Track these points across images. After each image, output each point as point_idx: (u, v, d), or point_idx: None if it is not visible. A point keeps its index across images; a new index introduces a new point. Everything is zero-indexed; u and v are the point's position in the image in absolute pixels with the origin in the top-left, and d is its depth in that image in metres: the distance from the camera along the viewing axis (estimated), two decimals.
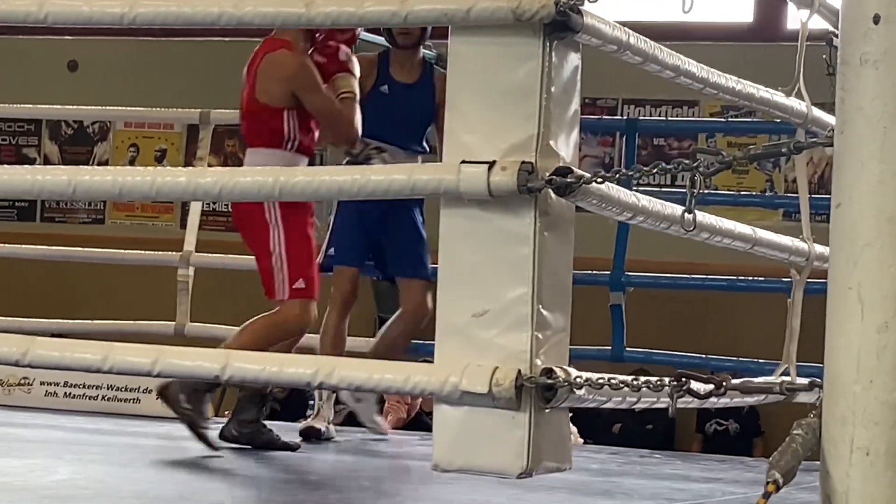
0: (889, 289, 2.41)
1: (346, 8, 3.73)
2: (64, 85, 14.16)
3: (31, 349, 3.90)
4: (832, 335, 2.46)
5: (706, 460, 8.16)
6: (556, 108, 3.18)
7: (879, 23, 2.41)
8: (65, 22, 4.41)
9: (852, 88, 2.44)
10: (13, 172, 4.82)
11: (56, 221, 14.40)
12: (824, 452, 2.46)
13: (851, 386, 2.44)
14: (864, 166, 2.44)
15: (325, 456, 7.35)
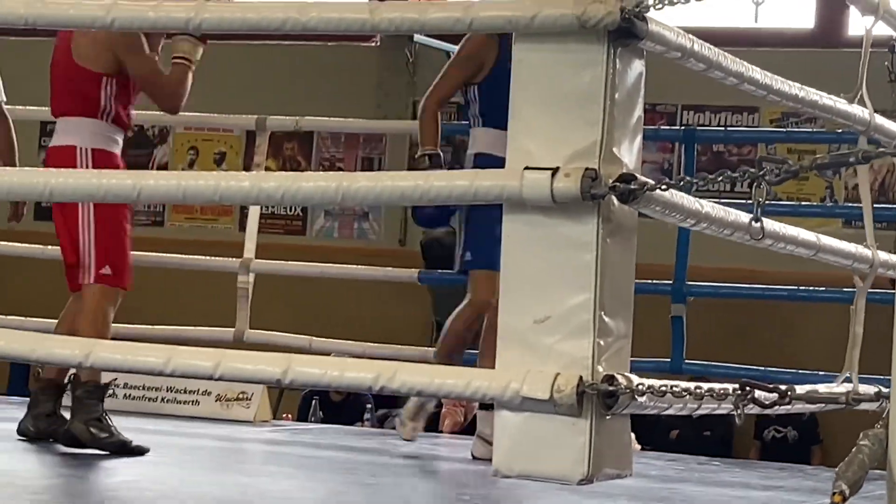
0: None
1: (409, 14, 3.75)
2: None
3: (94, 351, 3.93)
4: None
5: (765, 468, 8.12)
6: (620, 115, 3.19)
7: None
8: (131, 27, 4.46)
9: None
10: (79, 176, 4.84)
11: None
12: (892, 463, 2.46)
13: None
14: None
15: (384, 458, 7.36)
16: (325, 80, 13.93)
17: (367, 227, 14.59)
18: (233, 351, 4.16)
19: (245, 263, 8.71)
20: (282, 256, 9.72)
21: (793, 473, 7.53)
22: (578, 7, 3.10)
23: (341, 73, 14.17)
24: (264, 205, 8.98)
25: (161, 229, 14.46)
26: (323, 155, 14.47)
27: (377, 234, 14.56)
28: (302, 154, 14.42)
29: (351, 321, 10.22)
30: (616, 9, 3.08)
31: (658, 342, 8.19)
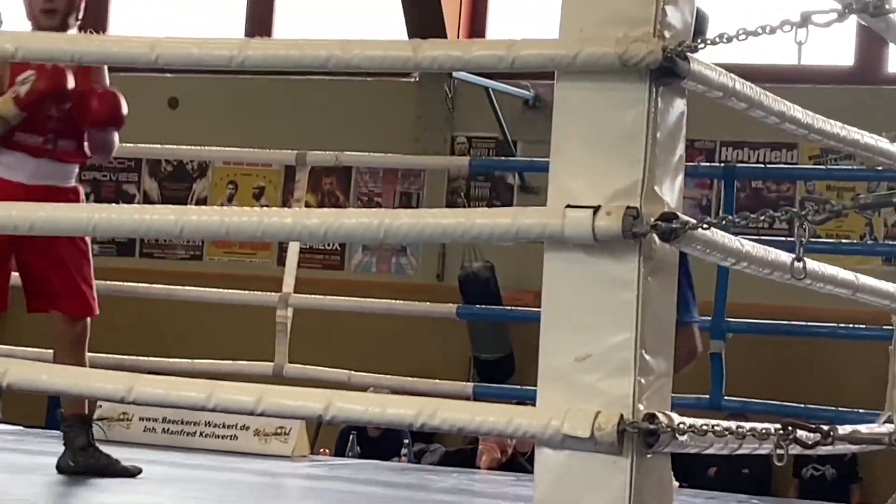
0: None
1: (453, 52, 3.78)
2: (164, 121, 14.29)
3: (136, 386, 3.95)
4: None
5: None
6: (662, 154, 3.20)
7: None
8: (174, 64, 4.50)
9: None
10: (121, 212, 4.86)
11: (154, 257, 14.54)
12: None
13: None
14: None
15: (421, 494, 7.36)
16: (364, 115, 13.98)
17: (405, 262, 14.61)
18: (274, 386, 4.18)
19: (284, 298, 8.72)
20: (320, 291, 9.73)
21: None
22: (620, 46, 3.12)
23: (380, 107, 14.23)
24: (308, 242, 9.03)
25: (199, 263, 14.51)
26: (361, 190, 14.50)
27: (415, 269, 14.57)
28: (340, 189, 14.45)
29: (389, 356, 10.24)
30: (658, 48, 3.10)
31: (698, 378, 8.18)
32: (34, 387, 4.52)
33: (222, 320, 10.65)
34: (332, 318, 9.79)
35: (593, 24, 3.18)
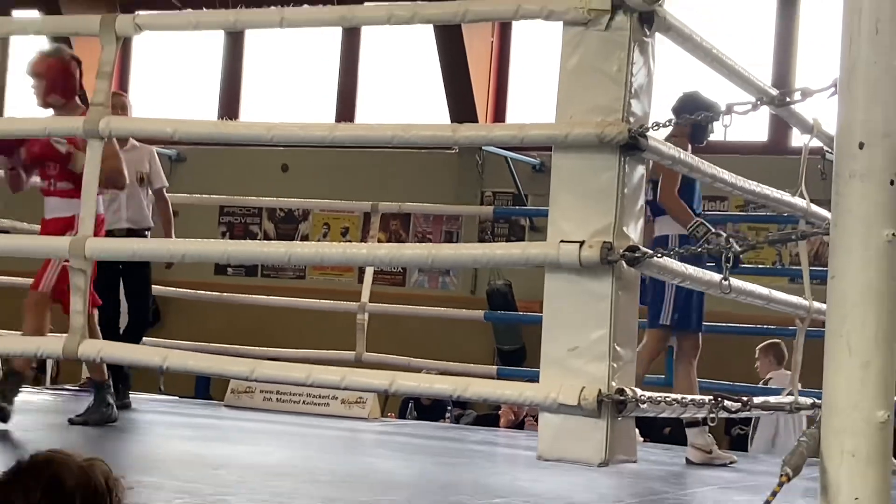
0: (870, 337, 2.41)
1: (481, 133, 3.81)
2: (278, 181, 14.30)
3: (257, 369, 3.97)
4: (829, 370, 2.46)
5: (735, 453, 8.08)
6: (628, 204, 3.22)
7: (863, 148, 2.43)
8: (284, 141, 4.52)
9: (843, 194, 2.45)
10: (248, 246, 4.90)
11: (271, 277, 14.53)
12: (823, 454, 2.45)
13: (843, 407, 2.43)
14: (852, 252, 2.44)
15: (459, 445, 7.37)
16: (419, 176, 13.96)
17: (448, 280, 14.58)
18: (355, 369, 4.21)
19: (362, 306, 8.84)
20: (387, 301, 9.79)
21: (750, 460, 7.46)
22: (599, 128, 3.14)
23: (430, 171, 14.20)
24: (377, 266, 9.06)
25: (303, 281, 14.48)
26: (417, 230, 14.49)
27: (455, 285, 14.54)
28: (403, 229, 14.44)
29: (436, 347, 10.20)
30: (625, 130, 3.12)
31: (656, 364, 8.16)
32: (185, 369, 4.56)
33: (319, 322, 10.59)
34: (396, 321, 9.76)
35: (580, 113, 3.20)
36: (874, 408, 2.40)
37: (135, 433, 6.86)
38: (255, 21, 4.57)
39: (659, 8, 3.19)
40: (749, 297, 4.24)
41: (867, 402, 2.40)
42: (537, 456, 3.27)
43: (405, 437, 7.70)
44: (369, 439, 7.11)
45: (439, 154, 14.45)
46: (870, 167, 2.42)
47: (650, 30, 3.21)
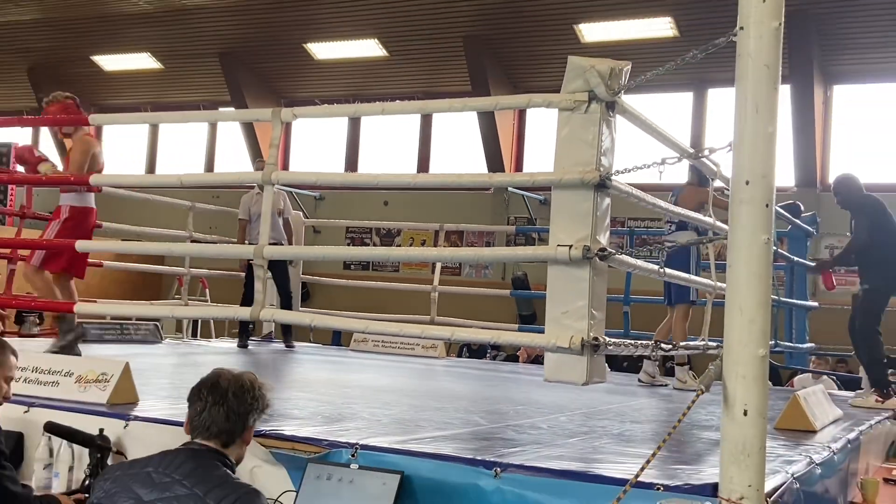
0: (753, 304, 2.40)
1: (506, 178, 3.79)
2: (381, 211, 14.32)
3: (369, 325, 4.00)
4: (728, 324, 2.44)
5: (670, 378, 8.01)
6: (600, 222, 3.20)
7: (749, 184, 2.42)
8: (385, 185, 4.54)
9: (736, 213, 2.43)
10: (362, 251, 4.90)
11: (377, 271, 14.62)
12: (724, 377, 2.44)
13: (737, 347, 2.42)
14: (742, 249, 2.43)
15: (498, 374, 7.39)
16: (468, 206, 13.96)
17: (488, 271, 14.57)
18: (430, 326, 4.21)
19: (434, 288, 8.75)
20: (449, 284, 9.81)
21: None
22: (580, 175, 3.14)
23: (475, 203, 14.21)
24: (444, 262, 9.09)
25: (397, 273, 14.52)
26: (467, 241, 14.46)
27: (493, 273, 14.58)
28: (458, 240, 14.42)
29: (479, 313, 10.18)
30: (597, 175, 3.12)
31: (617, 323, 8.12)
32: (326, 326, 4.59)
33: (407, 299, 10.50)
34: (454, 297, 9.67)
35: (568, 165, 3.19)
36: (757, 347, 2.39)
37: (295, 364, 6.96)
38: (366, 111, 4.63)
39: (619, 99, 3.19)
40: (677, 279, 4.22)
41: (752, 344, 2.39)
42: (544, 379, 3.28)
43: (461, 368, 7.75)
44: (439, 370, 7.15)
45: (481, 193, 14.51)
46: (752, 196, 2.41)
47: (613, 113, 3.21)
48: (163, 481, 2.32)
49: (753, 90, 2.43)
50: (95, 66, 17.37)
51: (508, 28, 13.85)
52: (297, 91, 16.40)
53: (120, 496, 2.35)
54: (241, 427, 2.53)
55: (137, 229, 8.51)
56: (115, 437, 3.25)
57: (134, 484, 2.35)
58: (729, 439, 2.40)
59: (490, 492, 2.69)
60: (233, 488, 2.31)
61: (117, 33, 16.19)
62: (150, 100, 17.79)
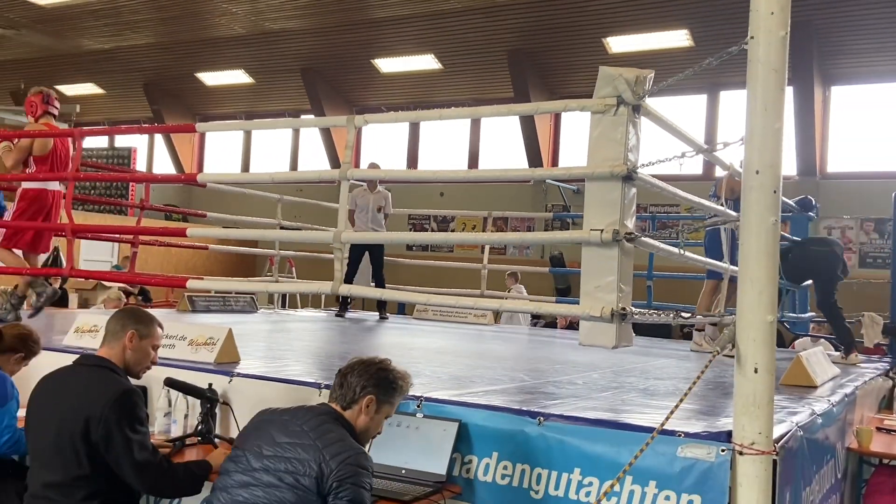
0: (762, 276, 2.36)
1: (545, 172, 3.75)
2: (438, 201, 14.41)
3: (430, 298, 4.00)
4: (741, 294, 2.41)
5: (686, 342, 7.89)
6: (627, 209, 3.15)
7: (758, 174, 2.37)
8: (443, 179, 4.50)
9: (748, 199, 2.40)
10: (422, 236, 4.86)
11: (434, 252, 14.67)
12: (737, 340, 2.41)
13: (748, 314, 2.38)
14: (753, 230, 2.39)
15: (540, 337, 7.36)
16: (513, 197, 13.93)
17: (529, 251, 14.50)
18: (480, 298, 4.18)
19: (483, 266, 8.63)
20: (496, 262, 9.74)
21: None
22: (610, 169, 3.09)
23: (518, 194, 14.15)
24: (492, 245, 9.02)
25: (451, 254, 14.54)
26: (512, 226, 14.41)
27: (533, 253, 14.49)
28: (504, 226, 14.39)
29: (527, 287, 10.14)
30: (625, 169, 3.07)
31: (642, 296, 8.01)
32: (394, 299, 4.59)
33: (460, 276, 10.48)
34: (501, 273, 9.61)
35: (600, 160, 3.14)
36: (766, 314, 2.36)
37: (369, 331, 7.01)
38: (426, 116, 4.57)
39: (643, 102, 3.14)
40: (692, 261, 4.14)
41: (762, 311, 2.36)
42: (579, 343, 3.25)
43: (508, 334, 7.69)
44: (489, 335, 7.13)
45: (522, 185, 14.43)
46: (762, 183, 2.37)
47: (638, 114, 3.16)
48: (293, 430, 2.36)
49: (763, 91, 2.39)
50: (198, 82, 17.65)
51: (546, 42, 13.72)
52: (366, 100, 16.47)
53: (259, 433, 2.41)
54: (352, 396, 2.48)
55: (235, 218, 8.65)
56: (221, 391, 3.32)
57: (271, 427, 2.41)
58: (741, 393, 2.37)
59: (534, 437, 2.70)
60: (346, 447, 2.32)
61: (216, 53, 16.42)
62: (243, 109, 18.03)
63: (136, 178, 10.88)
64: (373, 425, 2.52)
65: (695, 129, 6.70)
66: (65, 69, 17.96)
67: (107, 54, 17.12)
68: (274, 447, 2.34)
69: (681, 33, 12.60)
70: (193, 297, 7.43)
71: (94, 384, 2.66)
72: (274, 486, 2.27)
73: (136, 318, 2.89)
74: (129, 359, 2.81)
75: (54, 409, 2.67)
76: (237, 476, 2.36)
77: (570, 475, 2.59)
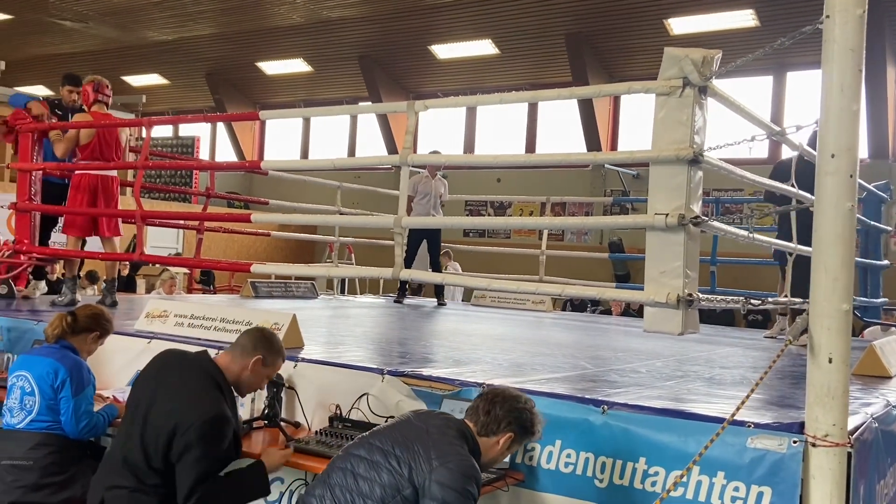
0: (837, 263, 2.29)
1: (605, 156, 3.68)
2: (495, 187, 14.33)
3: (491, 283, 3.98)
4: (814, 282, 2.33)
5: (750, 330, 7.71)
6: (693, 192, 3.08)
7: (834, 157, 2.30)
8: (501, 164, 4.46)
9: (822, 183, 2.33)
10: (477, 220, 4.86)
11: (491, 238, 14.68)
12: (811, 329, 2.34)
13: (823, 303, 2.31)
14: (828, 215, 2.32)
15: (599, 325, 7.29)
16: (571, 181, 13.79)
17: (587, 236, 14.36)
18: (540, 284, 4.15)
19: (542, 252, 8.54)
20: (554, 248, 9.68)
21: (759, 332, 7.11)
22: (676, 152, 3.02)
23: (576, 178, 14.03)
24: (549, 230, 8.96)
25: (509, 240, 14.52)
26: (569, 211, 14.31)
27: (592, 239, 14.34)
28: (562, 211, 14.26)
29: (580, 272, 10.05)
30: (691, 152, 3.00)
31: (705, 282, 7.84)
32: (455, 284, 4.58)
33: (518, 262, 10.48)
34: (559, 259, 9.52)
35: (665, 143, 3.07)
36: (840, 303, 2.28)
37: (427, 317, 7.04)
38: (486, 101, 4.56)
39: (710, 83, 3.06)
40: (763, 242, 4.03)
41: (836, 300, 2.28)
42: (643, 329, 3.19)
43: (566, 320, 7.65)
44: (548, 322, 7.09)
45: (580, 169, 14.29)
46: (837, 168, 2.29)
47: (705, 96, 3.08)
48: (418, 427, 2.40)
49: (839, 72, 2.31)
50: (259, 71, 17.92)
51: (605, 25, 13.49)
52: (423, 86, 16.48)
53: (394, 426, 2.46)
54: (494, 428, 2.47)
55: (296, 205, 8.77)
56: (286, 375, 3.37)
57: (403, 421, 2.48)
58: (815, 383, 2.30)
59: (598, 426, 2.67)
60: (454, 455, 2.30)
61: (276, 43, 16.64)
62: (301, 97, 18.25)
63: (202, 166, 11.19)
64: (500, 458, 2.54)
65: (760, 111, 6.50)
66: (131, 60, 18.45)
67: (171, 45, 17.52)
68: (391, 442, 2.37)
69: (746, 13, 12.24)
70: (256, 282, 7.57)
71: (197, 394, 2.69)
72: (378, 467, 2.30)
73: (268, 345, 2.91)
74: (244, 378, 2.85)
75: (155, 398, 2.73)
76: (350, 461, 2.39)
77: (636, 464, 2.56)
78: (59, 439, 3.21)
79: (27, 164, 5.72)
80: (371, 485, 2.28)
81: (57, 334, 3.36)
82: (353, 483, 2.31)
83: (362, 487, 2.29)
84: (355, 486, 2.30)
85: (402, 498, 2.23)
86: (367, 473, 2.31)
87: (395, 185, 4.10)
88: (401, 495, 2.23)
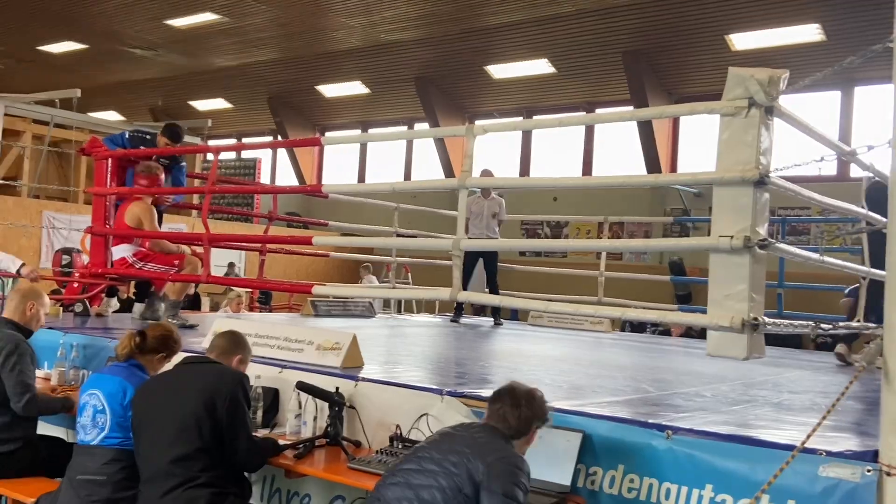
0: None
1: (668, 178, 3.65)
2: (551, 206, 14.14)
3: (549, 306, 3.95)
4: (888, 305, 2.27)
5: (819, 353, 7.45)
6: (759, 214, 3.05)
7: None
8: (558, 185, 4.44)
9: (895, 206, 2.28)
10: (537, 243, 4.84)
11: (548, 258, 14.61)
12: (885, 355, 2.28)
13: None
14: None
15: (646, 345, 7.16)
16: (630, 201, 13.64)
17: (647, 256, 14.16)
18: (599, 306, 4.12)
19: (601, 272, 8.42)
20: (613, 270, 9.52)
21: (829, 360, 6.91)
22: (741, 173, 2.99)
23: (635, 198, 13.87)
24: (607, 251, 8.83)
25: (565, 259, 14.36)
26: (627, 231, 14.15)
27: (651, 258, 14.14)
28: (620, 231, 14.13)
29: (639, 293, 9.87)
30: (757, 173, 2.97)
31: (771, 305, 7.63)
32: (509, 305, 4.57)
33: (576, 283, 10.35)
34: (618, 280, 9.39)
35: (730, 164, 3.05)
36: None
37: (484, 337, 7.03)
38: (545, 124, 4.59)
39: (776, 103, 3.01)
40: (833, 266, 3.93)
41: None
42: (707, 353, 3.14)
43: (626, 341, 7.55)
44: (607, 343, 7.01)
45: (644, 189, 14.10)
46: None
47: (771, 116, 3.04)
48: (462, 434, 2.50)
49: None
50: (318, 94, 18.30)
51: (663, 41, 13.38)
52: (479, 106, 16.57)
53: (438, 440, 2.54)
54: (525, 429, 2.57)
55: (355, 227, 8.90)
56: (347, 394, 3.41)
57: (445, 434, 2.56)
58: (890, 410, 2.23)
59: (662, 451, 2.64)
60: (505, 451, 2.42)
61: (334, 66, 16.99)
62: (359, 119, 18.55)
63: (265, 189, 11.51)
64: (526, 449, 2.62)
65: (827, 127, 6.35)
66: (197, 86, 19.07)
67: (235, 70, 18.05)
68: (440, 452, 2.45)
69: (812, 27, 11.97)
70: (316, 301, 7.68)
71: (214, 371, 3.07)
72: (434, 473, 2.38)
73: (243, 345, 3.32)
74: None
75: (174, 396, 3.01)
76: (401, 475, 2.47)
77: (702, 491, 2.51)
78: (131, 455, 3.29)
79: (103, 188, 5.96)
80: (431, 491, 2.36)
81: (126, 353, 3.46)
82: (413, 494, 2.38)
83: (422, 495, 2.36)
84: (415, 496, 2.37)
85: (463, 497, 2.31)
86: (424, 481, 2.38)
87: (449, 202, 4.14)
88: (462, 494, 2.32)
